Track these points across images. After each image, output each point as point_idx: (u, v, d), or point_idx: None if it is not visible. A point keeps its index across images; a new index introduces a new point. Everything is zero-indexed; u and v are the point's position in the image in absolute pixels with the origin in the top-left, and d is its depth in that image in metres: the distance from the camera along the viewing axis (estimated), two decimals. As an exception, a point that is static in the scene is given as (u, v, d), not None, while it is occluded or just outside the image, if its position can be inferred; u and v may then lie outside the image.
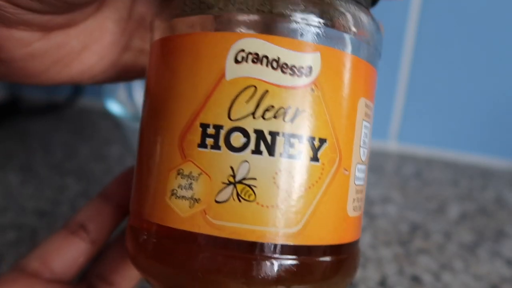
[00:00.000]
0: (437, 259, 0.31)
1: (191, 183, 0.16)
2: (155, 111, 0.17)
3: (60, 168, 0.42)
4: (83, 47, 0.20)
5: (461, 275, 0.30)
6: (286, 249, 0.16)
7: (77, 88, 0.58)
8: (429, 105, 0.52)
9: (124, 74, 0.22)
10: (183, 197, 0.16)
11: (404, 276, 0.29)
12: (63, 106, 0.58)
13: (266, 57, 0.15)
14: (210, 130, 0.15)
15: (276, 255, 0.15)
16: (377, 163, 0.50)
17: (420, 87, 0.51)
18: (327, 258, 0.16)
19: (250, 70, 0.15)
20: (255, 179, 0.15)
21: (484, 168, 0.51)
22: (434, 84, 0.51)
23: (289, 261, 0.16)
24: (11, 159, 0.44)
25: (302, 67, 0.16)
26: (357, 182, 0.17)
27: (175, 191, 0.16)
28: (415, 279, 0.29)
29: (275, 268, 0.15)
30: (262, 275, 0.15)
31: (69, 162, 0.44)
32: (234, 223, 0.15)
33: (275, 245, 0.15)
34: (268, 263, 0.15)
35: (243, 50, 0.15)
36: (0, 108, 0.54)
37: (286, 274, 0.15)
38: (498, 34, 0.48)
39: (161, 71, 0.17)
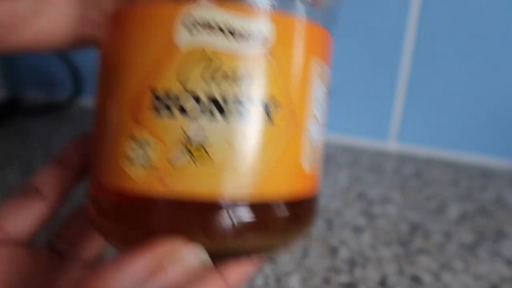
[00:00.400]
0: (437, 259, 0.31)
1: (145, 149, 0.16)
2: (107, 79, 0.17)
3: (60, 168, 0.42)
4: (34, 13, 0.19)
5: (461, 275, 0.30)
6: (244, 207, 0.16)
7: (77, 88, 0.58)
8: (429, 105, 0.52)
9: (86, 43, 0.22)
10: (137, 162, 0.16)
11: (404, 276, 0.29)
12: (63, 106, 0.58)
13: (218, 24, 0.15)
14: (163, 97, 0.16)
15: (234, 214, 0.16)
16: (377, 163, 0.50)
17: (420, 87, 0.51)
18: (283, 213, 0.17)
19: (202, 37, 0.15)
20: (210, 143, 0.15)
21: (484, 168, 0.51)
22: (434, 84, 0.51)
23: (247, 217, 0.16)
24: (11, 159, 0.43)
25: (256, 34, 0.16)
26: (312, 141, 0.18)
27: (129, 156, 0.16)
28: (415, 279, 0.29)
29: (234, 225, 0.16)
30: (221, 233, 0.15)
31: (69, 162, 0.44)
32: (191, 187, 0.15)
33: (233, 205, 0.16)
34: (226, 221, 0.16)
35: (194, 18, 0.15)
36: (0, 108, 0.54)
37: (245, 229, 0.16)
38: (498, 34, 0.48)
39: (113, 40, 0.17)
